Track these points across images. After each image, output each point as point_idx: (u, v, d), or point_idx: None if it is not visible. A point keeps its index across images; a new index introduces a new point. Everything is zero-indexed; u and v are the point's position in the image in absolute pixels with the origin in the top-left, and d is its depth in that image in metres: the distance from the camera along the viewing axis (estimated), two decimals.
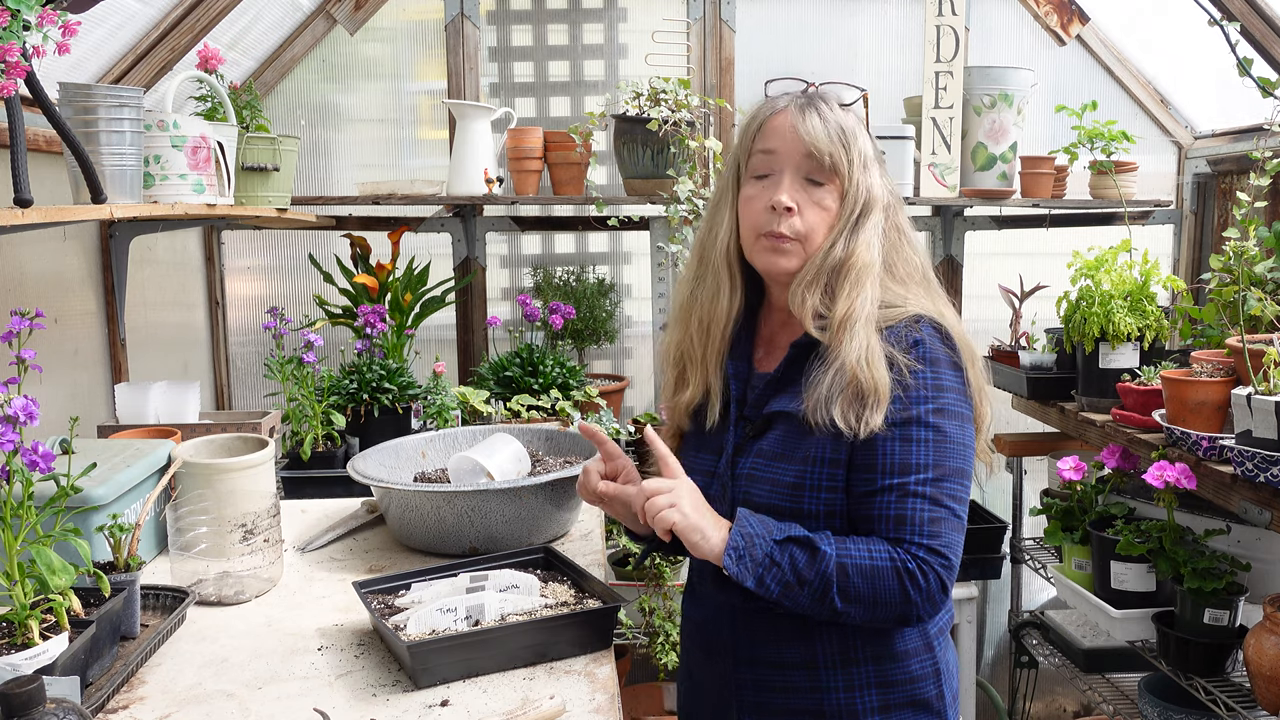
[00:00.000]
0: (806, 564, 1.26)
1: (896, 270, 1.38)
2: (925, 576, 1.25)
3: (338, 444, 2.39)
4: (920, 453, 1.29)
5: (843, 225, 1.35)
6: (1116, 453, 2.35)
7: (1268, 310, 2.06)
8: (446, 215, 3.16)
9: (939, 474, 1.28)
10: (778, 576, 1.26)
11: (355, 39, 3.11)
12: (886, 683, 1.36)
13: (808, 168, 1.35)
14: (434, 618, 1.41)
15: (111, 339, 2.46)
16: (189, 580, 1.61)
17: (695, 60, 3.09)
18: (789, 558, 1.26)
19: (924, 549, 1.26)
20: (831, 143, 1.34)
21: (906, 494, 1.28)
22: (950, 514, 1.28)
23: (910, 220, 1.44)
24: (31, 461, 1.23)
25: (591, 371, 3.20)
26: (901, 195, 1.44)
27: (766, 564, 1.26)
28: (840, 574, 1.25)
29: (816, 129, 1.34)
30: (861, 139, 1.37)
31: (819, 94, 1.40)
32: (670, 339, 1.52)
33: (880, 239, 1.36)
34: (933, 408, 1.30)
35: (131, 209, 1.80)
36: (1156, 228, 3.35)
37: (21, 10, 1.38)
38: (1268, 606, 1.94)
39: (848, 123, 1.37)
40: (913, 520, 1.27)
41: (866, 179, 1.36)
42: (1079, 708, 3.48)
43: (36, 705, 1.03)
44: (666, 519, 1.28)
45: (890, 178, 1.42)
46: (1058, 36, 3.25)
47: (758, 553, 1.26)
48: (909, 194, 2.88)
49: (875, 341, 1.31)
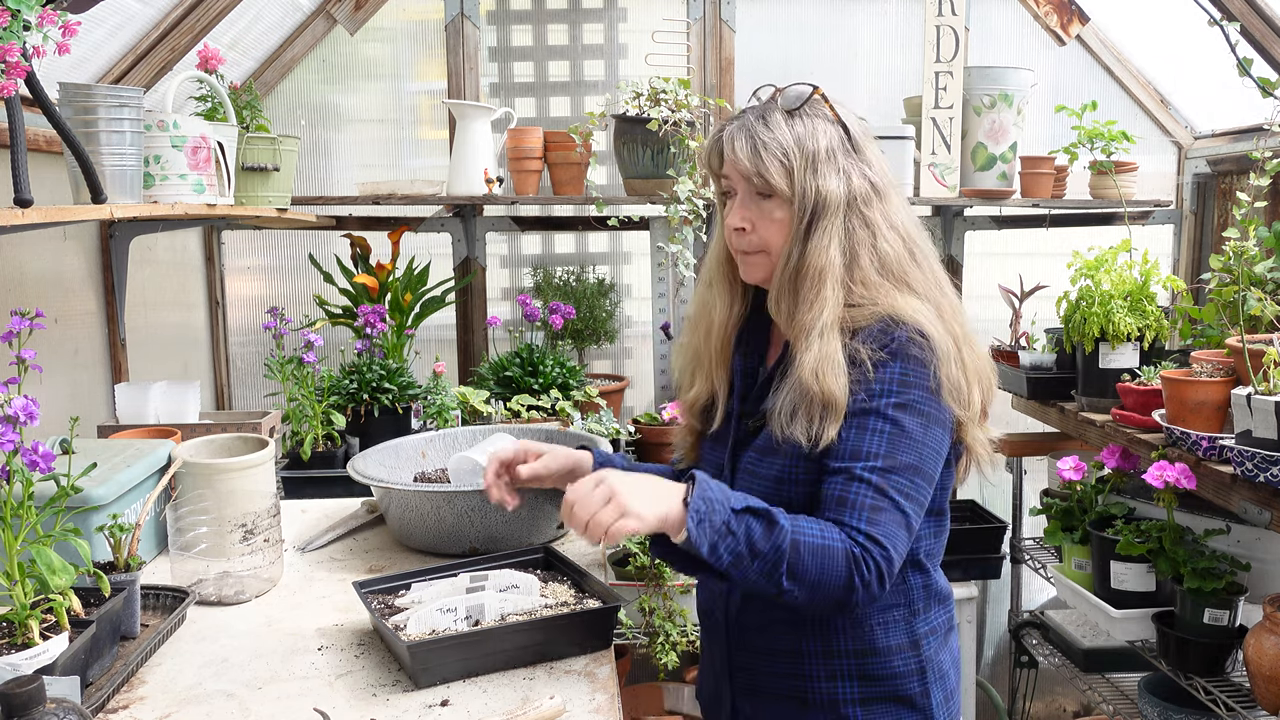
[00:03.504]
0: (762, 536, 1.23)
1: (866, 268, 1.35)
2: (868, 566, 1.24)
3: (338, 444, 2.39)
4: (873, 441, 1.28)
5: (795, 233, 1.36)
6: (1116, 453, 2.35)
7: (1268, 310, 2.06)
8: (446, 215, 3.16)
9: (888, 464, 1.27)
10: (731, 546, 1.23)
11: (355, 39, 3.11)
12: (868, 676, 1.38)
13: (754, 185, 1.37)
14: (434, 617, 1.41)
15: (111, 339, 2.46)
16: (189, 580, 1.61)
17: (695, 60, 3.09)
18: (745, 527, 1.24)
19: (864, 535, 1.25)
20: (759, 161, 1.35)
21: (853, 477, 1.27)
22: (893, 507, 1.27)
23: (904, 209, 1.41)
24: (31, 461, 1.23)
25: (591, 371, 3.20)
26: (886, 183, 1.39)
27: (723, 531, 1.23)
28: (793, 550, 1.23)
29: (741, 152, 1.36)
30: (809, 143, 1.35)
31: (759, 110, 1.39)
32: (683, 339, 1.58)
33: (840, 240, 1.35)
34: (895, 401, 1.29)
35: (131, 209, 1.80)
36: (1156, 228, 3.35)
37: (21, 10, 1.38)
38: (1268, 606, 1.94)
39: (788, 134, 1.35)
40: (854, 504, 1.26)
41: (815, 182, 1.34)
42: (1079, 708, 3.48)
43: (36, 705, 1.03)
44: (625, 530, 1.21)
45: (868, 166, 1.38)
46: (1058, 36, 3.25)
47: (716, 519, 1.23)
48: (909, 194, 2.88)
49: (835, 349, 1.31)
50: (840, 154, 1.37)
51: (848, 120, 1.40)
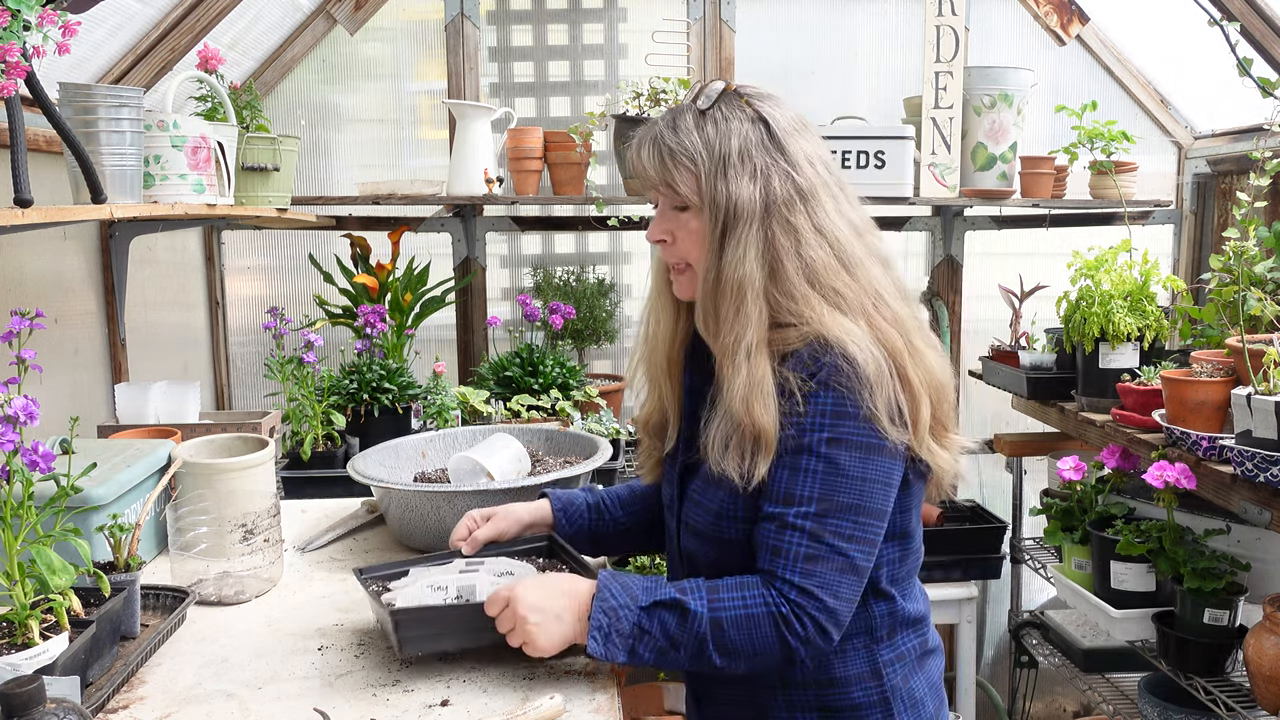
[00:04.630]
0: (677, 626, 1.20)
1: (791, 279, 1.24)
2: (801, 623, 1.19)
3: (338, 444, 2.39)
4: (806, 484, 1.20)
5: (710, 244, 1.27)
6: (1116, 453, 2.35)
7: (1268, 310, 2.06)
8: (446, 215, 3.16)
9: (823, 509, 1.20)
10: (650, 645, 1.20)
11: (355, 39, 3.11)
12: (827, 707, 1.32)
13: (667, 196, 1.31)
14: (424, 594, 1.41)
15: (111, 339, 2.46)
16: (189, 580, 1.61)
17: (695, 60, 3.09)
18: (658, 623, 1.20)
19: (795, 589, 1.19)
20: (665, 170, 1.27)
21: (785, 525, 1.21)
22: (832, 552, 1.19)
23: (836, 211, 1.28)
24: (31, 461, 1.23)
25: (591, 371, 3.20)
26: (813, 184, 1.27)
27: (636, 634, 1.20)
28: (715, 629, 1.19)
29: (648, 161, 1.29)
30: (718, 145, 1.25)
31: (671, 113, 1.31)
32: (636, 354, 1.50)
33: (758, 249, 1.24)
34: (827, 436, 1.20)
35: (131, 209, 1.80)
36: (1156, 228, 3.35)
37: (21, 10, 1.38)
38: (1268, 606, 1.94)
39: (696, 138, 1.26)
40: (786, 554, 1.20)
41: (726, 188, 1.24)
42: (1079, 708, 3.48)
43: (36, 705, 1.03)
44: (536, 645, 1.25)
45: (793, 167, 1.27)
46: (1058, 36, 3.25)
47: (624, 625, 1.20)
48: (909, 194, 2.88)
49: (765, 375, 1.22)
50: (757, 154, 1.26)
51: (770, 115, 1.28)
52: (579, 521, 1.58)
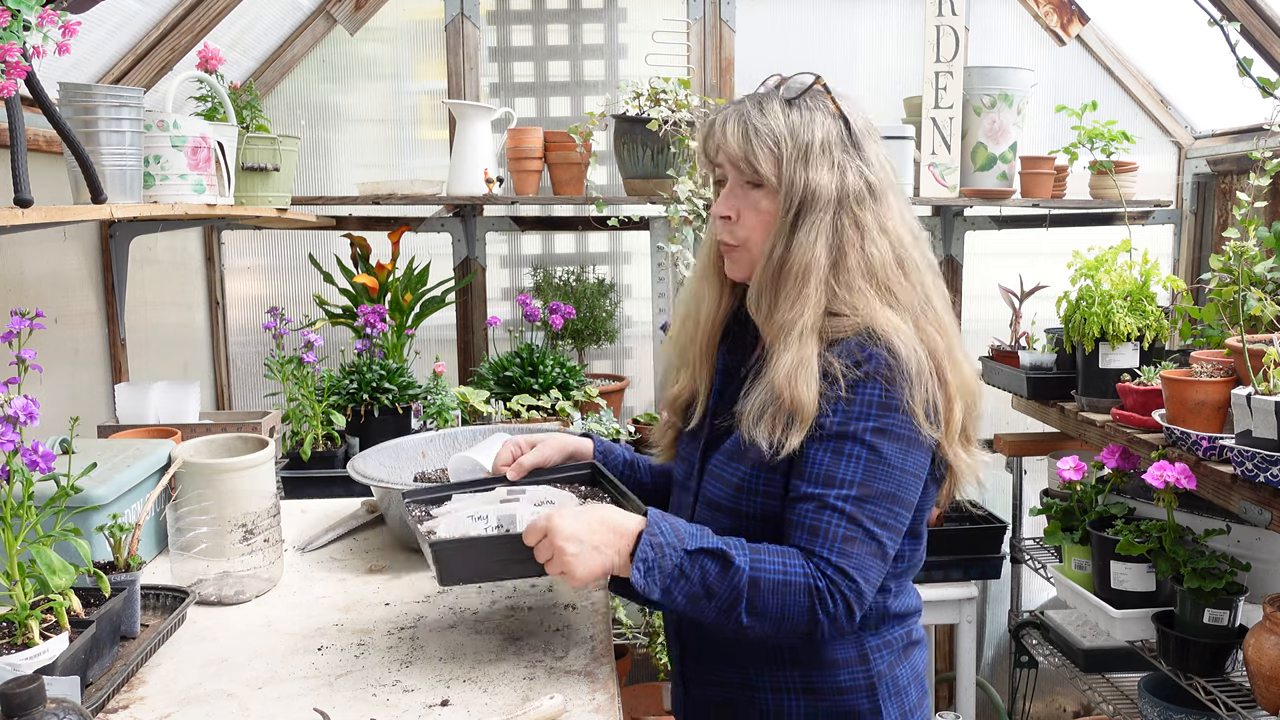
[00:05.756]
0: (718, 577, 1.21)
1: (852, 270, 1.29)
2: (834, 600, 1.21)
3: (338, 444, 2.39)
4: (849, 468, 1.24)
5: (780, 226, 1.31)
6: (1116, 453, 2.35)
7: (1268, 310, 2.06)
8: (446, 215, 3.16)
9: (864, 494, 1.23)
10: (685, 589, 1.21)
11: (355, 39, 3.11)
12: (813, 689, 1.34)
13: (743, 172, 1.33)
14: (465, 524, 1.40)
15: (111, 339, 2.46)
16: (189, 580, 1.61)
17: (695, 60, 3.09)
18: (699, 569, 1.21)
19: (833, 567, 1.22)
20: (749, 146, 1.30)
21: (825, 506, 1.24)
22: (867, 537, 1.23)
23: (900, 214, 1.35)
24: (31, 461, 1.23)
25: (591, 371, 3.20)
26: (883, 185, 1.33)
27: (675, 575, 1.21)
28: (752, 588, 1.21)
29: (732, 136, 1.32)
30: (803, 133, 1.30)
31: (758, 96, 1.35)
32: (671, 333, 1.55)
33: (827, 238, 1.29)
34: (874, 425, 1.24)
35: (131, 209, 1.80)
36: (1156, 228, 3.35)
37: (21, 10, 1.38)
38: (1268, 606, 1.94)
39: (782, 122, 1.31)
40: (825, 533, 1.23)
41: (806, 174, 1.29)
42: (1079, 708, 3.48)
43: (36, 705, 1.03)
44: (574, 575, 1.23)
45: (866, 165, 1.33)
46: (1058, 36, 3.25)
47: (667, 563, 1.21)
48: (909, 194, 2.88)
49: (812, 356, 1.26)
50: (837, 148, 1.31)
51: (850, 115, 1.34)
52: (613, 469, 1.62)
